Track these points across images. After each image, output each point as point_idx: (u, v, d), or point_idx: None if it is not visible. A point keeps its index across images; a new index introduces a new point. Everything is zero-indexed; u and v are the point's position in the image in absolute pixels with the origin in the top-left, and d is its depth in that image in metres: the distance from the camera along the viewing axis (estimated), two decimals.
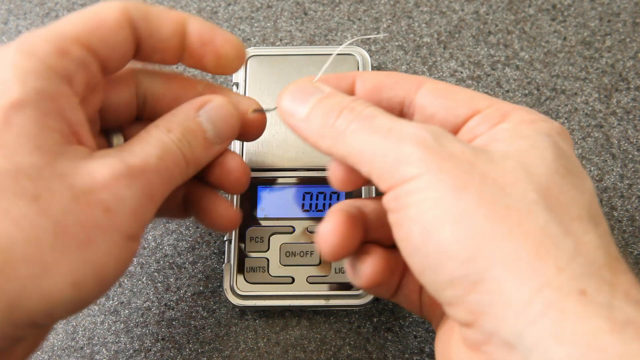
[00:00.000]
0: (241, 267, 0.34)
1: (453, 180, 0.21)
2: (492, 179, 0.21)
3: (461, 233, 0.21)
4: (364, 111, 0.24)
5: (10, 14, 0.44)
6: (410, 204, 0.22)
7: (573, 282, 0.19)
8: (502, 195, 0.21)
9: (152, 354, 0.35)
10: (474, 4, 0.44)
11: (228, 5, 0.44)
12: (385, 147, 0.23)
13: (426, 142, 0.22)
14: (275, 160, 0.37)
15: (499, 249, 0.20)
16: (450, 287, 0.21)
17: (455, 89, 0.26)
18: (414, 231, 0.22)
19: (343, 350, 0.35)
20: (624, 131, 0.40)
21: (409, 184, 0.22)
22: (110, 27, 0.24)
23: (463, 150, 0.22)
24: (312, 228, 0.35)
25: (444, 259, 0.21)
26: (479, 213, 0.21)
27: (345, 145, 0.24)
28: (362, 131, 0.24)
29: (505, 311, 0.20)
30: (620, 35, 0.43)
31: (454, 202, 0.21)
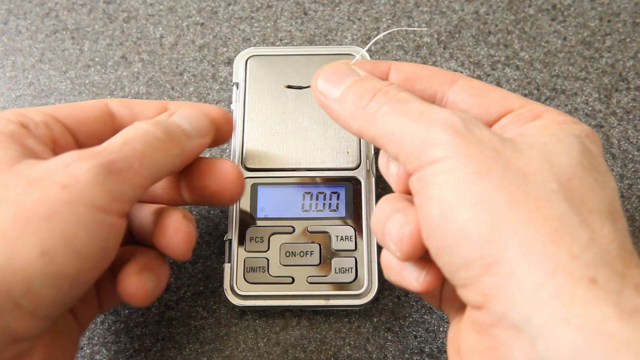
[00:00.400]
0: (241, 267, 0.34)
1: (477, 165, 0.22)
2: (515, 166, 0.22)
3: (480, 215, 0.21)
4: (398, 95, 0.25)
5: (10, 14, 0.44)
6: (432, 184, 0.23)
7: (585, 269, 0.20)
8: (523, 182, 0.21)
9: (152, 354, 0.35)
10: (474, 4, 0.44)
11: (228, 5, 0.44)
12: (416, 129, 0.23)
13: (455, 126, 0.23)
14: (275, 160, 0.37)
15: (516, 233, 0.21)
16: (465, 268, 0.22)
17: (489, 88, 0.27)
18: (434, 212, 0.22)
19: (343, 350, 0.35)
20: (624, 131, 0.40)
21: (434, 165, 0.23)
22: (82, 107, 0.29)
23: (490, 137, 0.23)
24: (312, 228, 0.35)
25: (460, 240, 0.22)
26: (499, 197, 0.21)
27: (376, 126, 0.25)
28: (394, 113, 0.24)
29: (516, 294, 0.20)
30: (620, 35, 0.43)
31: (475, 185, 0.22)
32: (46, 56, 0.43)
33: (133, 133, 0.26)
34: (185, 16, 0.44)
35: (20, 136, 0.26)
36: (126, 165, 0.25)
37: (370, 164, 0.36)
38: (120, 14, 0.44)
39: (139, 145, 0.26)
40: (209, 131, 0.30)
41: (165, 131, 0.27)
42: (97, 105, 0.30)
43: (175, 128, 0.28)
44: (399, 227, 0.25)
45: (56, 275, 0.22)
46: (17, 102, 0.41)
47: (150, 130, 0.27)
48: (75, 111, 0.29)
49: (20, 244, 0.22)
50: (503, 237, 0.21)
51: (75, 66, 0.42)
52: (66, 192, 0.23)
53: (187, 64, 0.42)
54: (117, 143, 0.26)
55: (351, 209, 0.35)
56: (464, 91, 0.27)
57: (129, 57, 0.43)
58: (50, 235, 0.22)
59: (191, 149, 0.29)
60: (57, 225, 0.22)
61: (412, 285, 0.26)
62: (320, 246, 0.35)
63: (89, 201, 0.23)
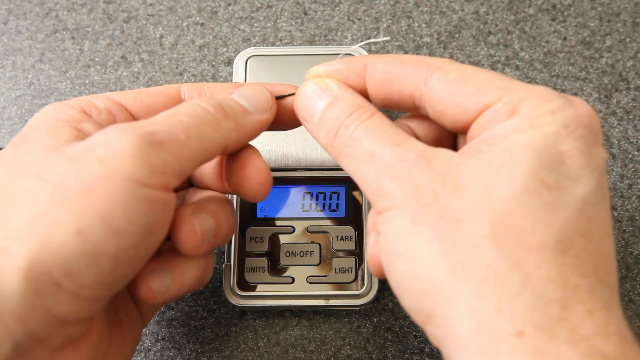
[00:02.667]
0: (241, 267, 0.34)
1: (413, 216, 0.22)
2: (450, 212, 0.21)
3: (410, 268, 0.22)
4: (354, 133, 0.25)
5: (10, 14, 0.44)
6: (381, 232, 0.23)
7: (511, 322, 0.19)
8: (455, 230, 0.21)
9: (152, 354, 0.35)
10: (474, 4, 0.44)
11: (228, 5, 0.44)
12: (369, 175, 0.24)
13: (397, 174, 0.23)
14: (275, 160, 0.37)
15: (443, 287, 0.21)
16: (412, 314, 0.22)
17: (465, 79, 0.24)
18: (383, 257, 0.23)
19: (343, 350, 0.35)
20: (624, 131, 0.40)
21: (384, 214, 0.23)
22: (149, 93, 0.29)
23: (432, 180, 0.22)
24: (312, 228, 0.35)
25: (400, 290, 0.22)
26: (429, 250, 0.21)
27: (344, 165, 0.25)
28: (351, 157, 0.25)
29: (451, 348, 0.21)
30: (620, 35, 0.43)
31: (408, 237, 0.22)
32: (46, 56, 0.43)
33: (182, 107, 0.26)
34: (185, 16, 0.44)
35: (79, 121, 0.26)
36: (170, 136, 0.24)
37: None
38: (120, 14, 0.44)
39: (186, 117, 0.25)
40: (268, 107, 0.29)
41: (217, 105, 0.27)
42: (167, 90, 0.29)
43: (229, 102, 0.28)
44: (369, 248, 0.26)
45: (94, 253, 0.22)
46: (17, 102, 0.41)
47: (200, 104, 0.26)
48: (141, 97, 0.29)
49: (55, 224, 0.21)
50: (433, 290, 0.21)
51: (75, 66, 0.42)
52: (103, 166, 0.22)
53: (187, 64, 0.42)
54: (163, 115, 0.25)
55: (351, 209, 0.35)
56: (439, 88, 0.25)
57: (129, 57, 0.43)
58: (85, 212, 0.22)
59: (248, 124, 0.28)
60: (92, 202, 0.22)
61: None
62: (320, 246, 0.35)
63: (127, 174, 0.22)
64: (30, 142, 0.24)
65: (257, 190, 0.28)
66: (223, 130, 0.26)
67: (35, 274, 0.21)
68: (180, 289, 0.27)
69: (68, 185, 0.22)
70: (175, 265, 0.27)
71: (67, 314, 0.22)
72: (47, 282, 0.21)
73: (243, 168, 0.28)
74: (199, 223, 0.26)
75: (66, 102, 0.27)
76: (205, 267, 0.28)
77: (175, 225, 0.26)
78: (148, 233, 0.23)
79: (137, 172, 0.22)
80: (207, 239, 0.27)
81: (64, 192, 0.22)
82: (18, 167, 0.23)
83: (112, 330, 0.26)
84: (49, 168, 0.23)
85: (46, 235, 0.21)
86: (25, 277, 0.21)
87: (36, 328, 0.22)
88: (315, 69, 0.29)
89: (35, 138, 0.25)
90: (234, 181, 0.28)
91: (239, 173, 0.28)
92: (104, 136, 0.23)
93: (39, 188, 0.22)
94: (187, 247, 0.26)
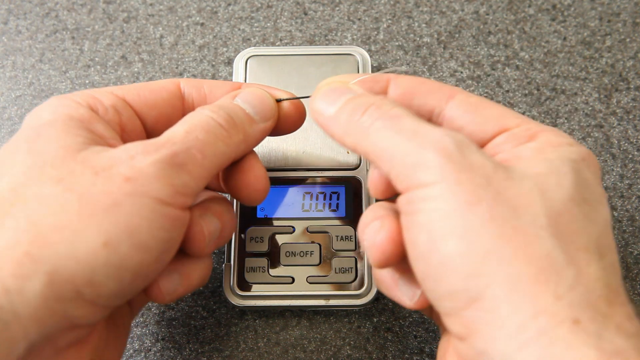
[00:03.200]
0: (241, 267, 0.34)
1: (467, 194, 0.21)
2: (506, 197, 0.21)
3: (466, 248, 0.21)
4: (391, 110, 0.24)
5: (10, 14, 0.44)
6: (421, 210, 0.22)
7: (568, 310, 0.20)
8: (512, 215, 0.21)
9: (152, 354, 0.35)
10: (474, 4, 0.44)
11: (228, 5, 0.44)
12: (408, 148, 0.23)
13: (448, 149, 0.22)
14: (275, 160, 0.37)
15: (501, 269, 0.20)
16: (449, 298, 0.22)
17: (487, 104, 0.26)
18: (421, 238, 0.22)
19: (343, 350, 0.35)
20: (624, 131, 0.40)
21: (424, 190, 0.22)
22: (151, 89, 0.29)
23: (483, 163, 0.22)
24: (312, 228, 0.35)
25: (446, 270, 0.21)
26: (487, 231, 0.21)
27: (368, 142, 0.24)
28: (387, 130, 0.24)
29: (497, 332, 0.20)
30: (620, 35, 0.43)
31: (463, 216, 0.21)
32: (46, 56, 0.43)
33: (197, 121, 0.26)
34: (185, 16, 0.44)
35: (90, 121, 0.26)
36: (189, 157, 0.25)
37: (370, 164, 0.36)
38: (120, 14, 0.44)
39: (202, 134, 0.25)
40: (271, 115, 0.29)
41: (228, 118, 0.27)
42: (168, 86, 0.30)
43: (238, 112, 0.28)
44: (372, 234, 0.25)
45: (119, 266, 0.23)
46: (17, 102, 0.41)
47: (212, 117, 0.26)
48: (144, 93, 0.29)
49: (84, 234, 0.22)
50: (488, 273, 0.20)
51: (75, 66, 0.42)
52: (129, 185, 0.23)
53: (187, 64, 0.42)
54: (181, 132, 0.25)
55: (351, 209, 0.35)
56: (460, 107, 0.26)
57: (129, 57, 0.43)
58: (113, 226, 0.22)
59: (254, 134, 0.28)
60: (120, 217, 0.23)
61: (405, 303, 0.26)
62: (320, 246, 0.35)
63: (152, 194, 0.23)
64: (46, 141, 0.24)
65: (255, 197, 0.29)
66: (234, 144, 0.27)
67: (59, 281, 0.21)
68: (187, 289, 0.28)
69: (95, 198, 0.23)
70: (182, 267, 0.27)
71: (80, 319, 0.23)
72: (69, 289, 0.22)
73: (243, 174, 0.28)
74: (207, 225, 0.27)
75: (71, 96, 0.27)
76: (209, 266, 0.29)
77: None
78: (166, 249, 0.25)
79: (161, 193, 0.23)
80: (213, 240, 0.27)
81: (91, 204, 0.22)
82: (36, 167, 0.23)
83: (109, 327, 0.27)
84: (71, 176, 0.23)
85: (74, 245, 0.22)
86: (49, 282, 0.21)
87: (51, 331, 0.22)
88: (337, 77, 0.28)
89: (51, 136, 0.24)
90: (232, 185, 0.29)
91: (238, 178, 0.29)
92: (128, 155, 0.24)
93: (64, 197, 0.23)
94: (196, 249, 0.27)
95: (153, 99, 0.29)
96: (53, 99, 0.27)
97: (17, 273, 0.21)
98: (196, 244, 0.27)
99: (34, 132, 0.25)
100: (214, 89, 0.30)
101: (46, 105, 0.26)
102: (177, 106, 0.29)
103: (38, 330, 0.21)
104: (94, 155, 0.24)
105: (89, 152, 0.24)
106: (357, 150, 0.25)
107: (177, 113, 0.29)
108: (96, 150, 0.24)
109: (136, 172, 0.23)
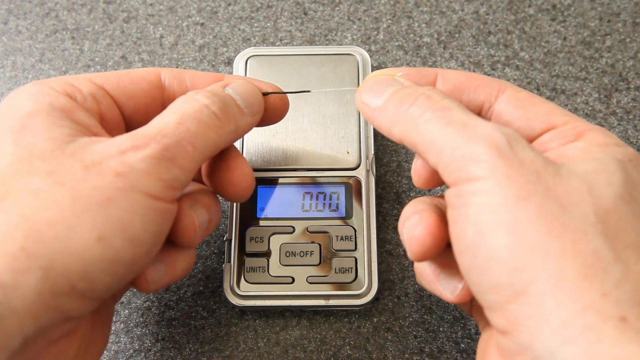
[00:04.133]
0: (241, 267, 0.34)
1: (517, 189, 0.21)
2: (555, 193, 0.21)
3: (513, 242, 0.21)
4: (442, 101, 0.24)
5: (10, 14, 0.44)
6: (470, 203, 0.22)
7: (615, 307, 0.19)
8: (561, 211, 0.21)
9: (152, 354, 0.35)
10: (474, 4, 0.44)
11: (228, 5, 0.44)
12: (458, 141, 0.23)
13: (498, 144, 0.22)
14: (275, 160, 0.37)
15: (548, 265, 0.20)
16: (494, 292, 0.22)
17: (536, 100, 0.26)
18: (468, 231, 0.22)
19: (343, 350, 0.35)
20: (624, 131, 0.40)
21: (474, 183, 0.22)
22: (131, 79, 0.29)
23: (533, 159, 0.22)
24: (312, 228, 0.35)
25: (492, 263, 0.21)
26: (535, 226, 0.21)
27: (417, 133, 0.24)
28: (436, 121, 0.24)
29: (542, 327, 0.20)
30: (620, 35, 0.43)
31: (513, 210, 0.21)
32: (46, 56, 0.43)
33: (189, 110, 0.26)
34: (185, 16, 0.44)
35: (72, 110, 0.26)
36: (179, 150, 0.25)
37: (370, 164, 0.36)
38: (120, 14, 0.44)
39: (194, 125, 0.25)
40: (259, 109, 0.29)
41: (222, 107, 0.27)
42: (148, 76, 0.29)
43: (231, 102, 0.28)
44: (411, 227, 0.25)
45: (112, 261, 0.23)
46: None
47: (207, 105, 0.26)
48: (123, 83, 0.28)
49: (77, 229, 0.22)
50: (535, 267, 0.20)
51: (75, 66, 0.42)
52: (120, 180, 0.23)
53: (187, 64, 0.42)
54: (172, 123, 0.25)
55: (351, 209, 0.35)
56: (509, 102, 0.26)
57: (129, 57, 0.43)
58: (106, 221, 0.23)
59: (243, 126, 0.28)
60: (112, 212, 0.23)
61: (447, 297, 0.26)
62: (320, 246, 0.35)
63: (143, 189, 0.23)
64: (32, 132, 0.24)
65: (241, 194, 0.29)
66: (225, 134, 0.27)
67: (54, 275, 0.22)
68: (171, 278, 0.28)
69: (87, 193, 0.23)
70: (168, 257, 0.28)
71: (74, 312, 0.23)
72: (64, 283, 0.22)
73: (229, 171, 0.29)
74: (197, 216, 0.27)
75: (49, 82, 0.27)
76: (193, 257, 0.29)
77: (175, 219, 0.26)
78: (158, 242, 0.25)
79: (152, 188, 0.24)
80: (202, 231, 0.28)
81: (83, 198, 0.23)
82: (24, 160, 0.23)
83: (94, 315, 0.27)
84: (61, 169, 0.23)
85: (68, 240, 0.22)
86: (44, 277, 0.21)
87: (45, 324, 0.22)
88: (382, 70, 0.28)
89: (37, 128, 0.24)
90: (217, 182, 0.29)
91: (224, 175, 0.29)
92: (118, 150, 0.24)
93: (55, 190, 0.23)
94: (185, 239, 0.27)
95: (132, 89, 0.29)
96: (31, 86, 0.26)
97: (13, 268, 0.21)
98: (186, 235, 0.27)
99: (18, 123, 0.25)
100: (196, 80, 0.30)
101: (26, 93, 0.26)
102: (157, 97, 0.29)
103: (33, 324, 0.22)
104: (82, 148, 0.24)
105: (77, 145, 0.24)
106: (403, 141, 0.25)
107: (156, 104, 0.29)
108: (84, 143, 0.24)
109: (127, 168, 0.23)
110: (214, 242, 0.37)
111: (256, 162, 0.36)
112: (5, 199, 0.22)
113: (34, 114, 0.25)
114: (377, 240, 0.35)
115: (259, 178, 0.36)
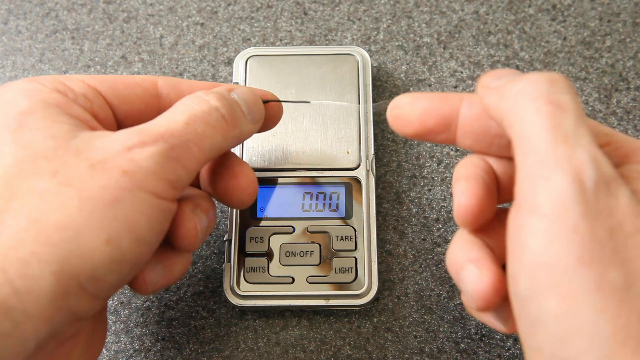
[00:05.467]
0: (241, 267, 0.34)
1: (580, 249, 0.19)
2: (622, 259, 0.19)
3: (564, 312, 0.19)
4: (558, 95, 0.21)
5: (10, 14, 0.44)
6: (527, 244, 0.20)
7: None
8: (624, 284, 0.19)
9: (152, 354, 0.35)
10: (474, 4, 0.44)
11: (228, 5, 0.44)
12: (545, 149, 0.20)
13: (584, 182, 0.19)
14: (275, 160, 0.37)
15: (594, 347, 0.18)
16: (536, 351, 0.20)
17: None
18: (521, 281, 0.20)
19: (343, 350, 0.35)
20: (624, 131, 0.40)
21: (535, 218, 0.20)
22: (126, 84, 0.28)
23: (612, 211, 0.19)
24: (312, 228, 0.35)
25: (538, 324, 0.20)
26: (590, 300, 0.19)
27: (517, 118, 0.21)
28: (542, 117, 0.21)
29: None
30: (620, 35, 0.43)
31: (570, 274, 0.19)
32: (46, 56, 0.43)
33: (198, 111, 0.26)
34: (185, 16, 0.44)
35: (67, 105, 0.25)
36: (185, 151, 0.25)
37: (370, 164, 0.36)
38: (120, 14, 0.44)
39: (202, 127, 0.25)
40: (260, 118, 0.29)
41: (231, 111, 0.27)
42: (144, 83, 0.29)
43: (237, 107, 0.28)
44: (473, 283, 0.23)
45: (120, 261, 0.23)
46: None
47: (217, 107, 0.26)
48: (118, 87, 0.28)
49: (86, 232, 0.22)
50: (580, 346, 0.19)
51: (75, 66, 0.42)
52: (127, 179, 0.23)
53: (187, 64, 0.42)
54: (180, 123, 0.25)
55: (351, 209, 0.35)
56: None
57: (129, 57, 0.43)
58: (114, 222, 0.23)
59: (245, 133, 0.28)
60: (120, 212, 0.23)
61: (499, 328, 0.25)
62: (320, 246, 0.35)
63: (149, 188, 0.23)
64: (32, 130, 0.24)
65: (246, 200, 0.29)
66: (230, 138, 0.27)
67: (65, 278, 0.22)
68: (168, 281, 0.28)
69: (94, 193, 0.23)
70: (166, 259, 0.28)
71: (84, 312, 0.23)
72: (74, 285, 0.22)
73: (235, 178, 0.29)
74: (199, 221, 0.27)
75: (40, 80, 0.26)
76: (189, 261, 0.29)
77: (177, 222, 0.27)
78: (159, 240, 0.25)
79: (157, 187, 0.24)
80: (202, 236, 0.28)
81: (91, 199, 0.22)
82: (28, 159, 0.23)
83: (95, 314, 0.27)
84: (67, 168, 0.23)
85: (77, 242, 0.22)
86: (56, 281, 0.21)
87: (58, 327, 0.22)
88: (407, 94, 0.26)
89: (36, 126, 0.24)
90: (222, 188, 0.29)
91: (229, 182, 0.29)
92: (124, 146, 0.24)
93: (62, 191, 0.22)
94: (186, 244, 0.27)
95: (126, 94, 0.28)
96: (22, 83, 0.26)
97: (26, 274, 0.21)
98: (188, 240, 0.27)
99: (15, 122, 0.24)
100: (194, 89, 0.30)
101: (18, 90, 0.25)
102: (152, 104, 0.29)
103: (47, 328, 0.22)
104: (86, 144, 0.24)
105: (80, 141, 0.24)
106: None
107: (150, 110, 0.29)
108: (87, 138, 0.24)
109: (134, 166, 0.23)
110: (214, 242, 0.37)
111: (256, 162, 0.36)
112: (11, 202, 0.22)
113: (30, 111, 0.24)
114: (377, 240, 0.35)
115: (259, 178, 0.36)
